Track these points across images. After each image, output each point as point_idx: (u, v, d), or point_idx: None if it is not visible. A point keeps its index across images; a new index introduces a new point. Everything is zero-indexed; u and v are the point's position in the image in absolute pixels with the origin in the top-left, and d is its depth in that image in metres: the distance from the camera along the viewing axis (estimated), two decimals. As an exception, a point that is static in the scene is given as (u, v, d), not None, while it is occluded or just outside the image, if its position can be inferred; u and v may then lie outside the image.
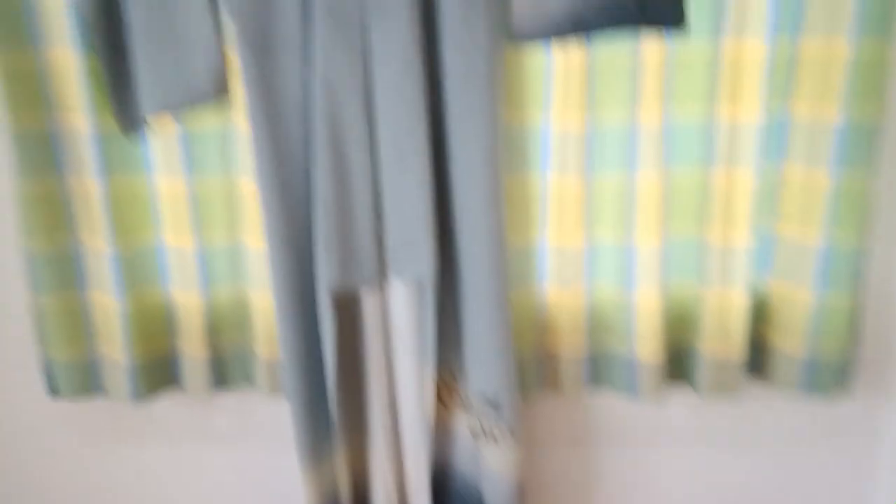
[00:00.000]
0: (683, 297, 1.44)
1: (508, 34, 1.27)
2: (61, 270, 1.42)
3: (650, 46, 1.28)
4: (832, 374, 1.38)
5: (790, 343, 1.40)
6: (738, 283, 1.37)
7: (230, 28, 1.27)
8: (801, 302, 1.37)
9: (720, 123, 1.31)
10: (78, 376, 1.48)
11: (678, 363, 1.48)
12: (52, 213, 1.39)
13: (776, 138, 1.34)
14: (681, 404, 1.59)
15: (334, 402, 1.37)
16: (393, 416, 1.44)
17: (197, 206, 1.41)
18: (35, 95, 1.33)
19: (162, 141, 1.37)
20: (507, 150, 1.37)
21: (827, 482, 1.64)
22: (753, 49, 1.27)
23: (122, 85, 1.32)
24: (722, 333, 1.40)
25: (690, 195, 1.38)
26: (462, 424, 1.46)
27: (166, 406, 1.62)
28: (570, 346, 1.46)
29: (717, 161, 1.32)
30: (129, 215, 1.41)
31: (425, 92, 1.24)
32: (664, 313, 1.41)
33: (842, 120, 1.27)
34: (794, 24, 1.28)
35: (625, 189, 1.37)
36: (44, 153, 1.36)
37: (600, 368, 1.49)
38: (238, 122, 1.35)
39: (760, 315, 1.44)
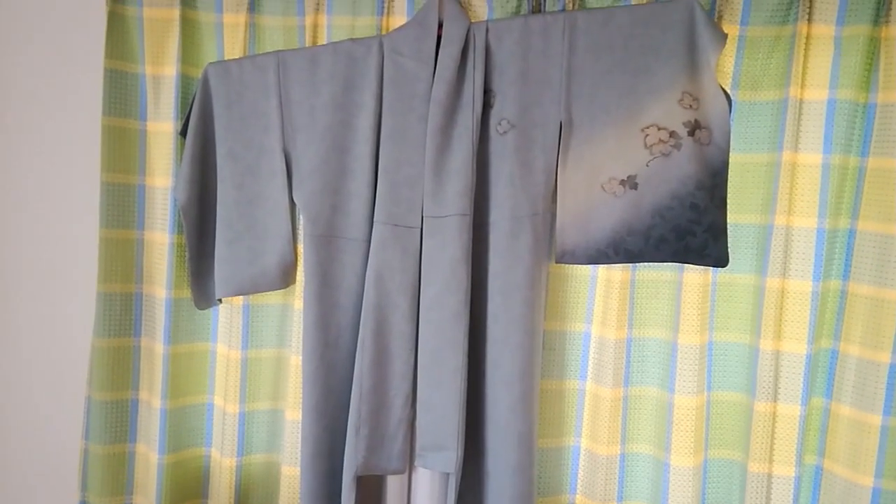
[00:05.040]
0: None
1: (553, 250, 1.36)
2: (115, 422, 1.51)
3: (693, 273, 1.35)
4: None
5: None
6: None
7: (301, 225, 1.42)
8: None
9: (765, 353, 1.32)
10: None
11: None
12: (118, 368, 1.51)
13: (824, 373, 1.35)
14: None
15: None
16: None
17: (247, 374, 1.50)
18: (126, 265, 1.50)
19: (226, 310, 1.51)
20: (546, 357, 1.42)
21: None
22: (799, 286, 1.32)
23: (202, 268, 1.49)
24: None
25: (732, 420, 1.38)
26: None
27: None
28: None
29: (760, 391, 1.33)
30: (185, 377, 1.53)
31: (468, 296, 1.33)
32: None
33: (893, 362, 1.27)
34: (842, 270, 1.33)
35: (663, 405, 1.39)
36: (123, 315, 1.51)
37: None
38: (297, 301, 1.46)
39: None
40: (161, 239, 1.48)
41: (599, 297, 1.38)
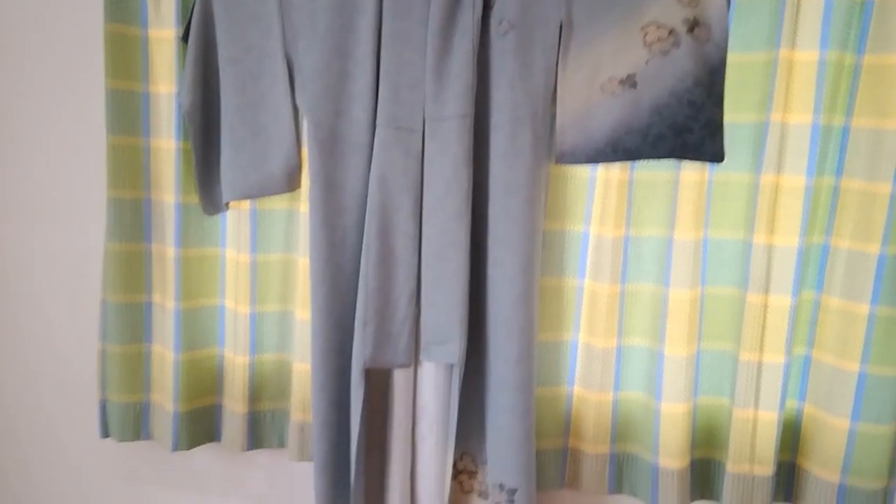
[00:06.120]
0: (712, 412, 1.47)
1: (552, 151, 1.38)
2: (130, 323, 1.57)
3: (690, 171, 1.37)
4: (868, 501, 1.37)
5: (824, 468, 1.40)
6: (770, 404, 1.39)
7: (305, 129, 1.43)
8: (836, 428, 1.38)
9: (758, 247, 1.36)
10: (129, 420, 1.62)
11: (704, 478, 1.49)
12: (131, 272, 1.56)
13: (815, 267, 1.39)
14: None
15: (356, 472, 1.44)
16: (411, 491, 1.50)
17: (256, 277, 1.55)
18: (135, 172, 1.53)
19: (234, 216, 1.54)
20: (546, 256, 1.46)
21: None
22: (792, 182, 1.34)
23: (209, 173, 1.52)
24: (750, 452, 1.41)
25: (724, 313, 1.43)
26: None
27: (203, 458, 1.74)
28: (594, 447, 1.51)
29: (752, 283, 1.37)
30: (196, 280, 1.57)
31: (469, 197, 1.36)
32: (691, 426, 1.44)
33: (882, 253, 1.31)
34: (835, 166, 1.35)
35: (658, 299, 1.44)
36: (133, 220, 1.54)
37: (622, 473, 1.53)
38: (302, 206, 1.50)
39: (793, 438, 1.45)
40: (167, 145, 1.50)
41: (598, 197, 1.41)
